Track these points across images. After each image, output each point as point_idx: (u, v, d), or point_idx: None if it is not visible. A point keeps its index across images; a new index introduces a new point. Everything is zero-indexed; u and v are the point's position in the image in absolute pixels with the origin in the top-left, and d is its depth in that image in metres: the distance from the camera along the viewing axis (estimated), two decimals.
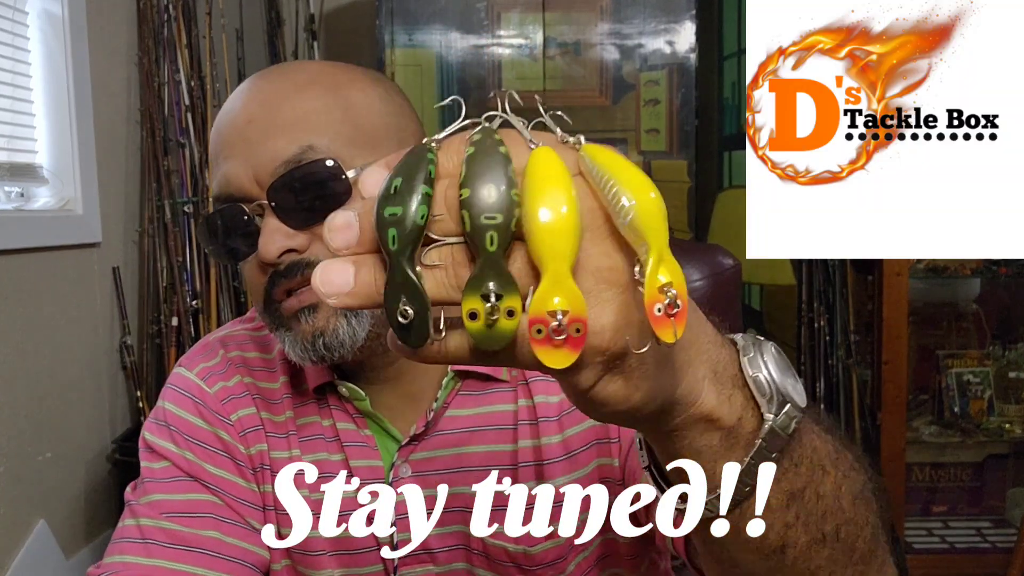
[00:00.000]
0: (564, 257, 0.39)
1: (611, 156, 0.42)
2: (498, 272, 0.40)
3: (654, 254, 0.39)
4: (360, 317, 0.84)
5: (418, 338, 0.41)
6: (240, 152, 0.84)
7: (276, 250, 0.83)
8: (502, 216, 0.39)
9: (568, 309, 0.39)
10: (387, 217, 0.40)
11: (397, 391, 0.92)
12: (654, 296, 0.39)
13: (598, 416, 0.47)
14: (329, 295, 0.41)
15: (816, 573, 0.56)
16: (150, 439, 0.93)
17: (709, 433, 0.50)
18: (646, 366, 0.44)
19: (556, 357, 0.40)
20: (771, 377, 0.52)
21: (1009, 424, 2.51)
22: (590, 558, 0.89)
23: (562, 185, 0.40)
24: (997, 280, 2.54)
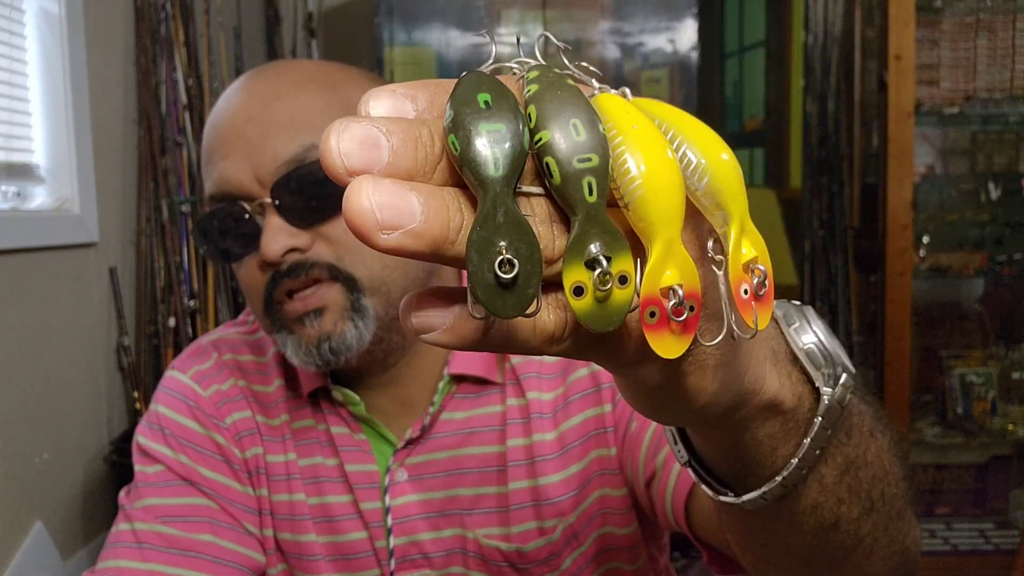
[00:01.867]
0: (675, 220, 0.31)
1: (670, 109, 0.35)
2: (603, 228, 0.31)
3: (735, 224, 0.33)
4: (367, 319, 0.83)
5: (519, 301, 0.30)
6: (239, 150, 0.83)
7: (279, 249, 0.82)
8: (599, 157, 0.31)
9: (683, 283, 0.32)
10: (486, 134, 0.30)
11: (392, 395, 0.92)
12: (739, 275, 0.33)
13: (664, 416, 0.42)
14: (386, 226, 0.29)
15: (862, 541, 0.53)
16: (144, 443, 0.92)
17: (771, 420, 0.45)
18: (721, 353, 0.38)
19: (670, 344, 0.32)
20: (823, 346, 0.46)
21: (1013, 425, 2.50)
22: (586, 553, 0.89)
23: (656, 132, 0.32)
24: (1000, 280, 2.53)
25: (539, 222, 0.32)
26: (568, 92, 0.32)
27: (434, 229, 0.30)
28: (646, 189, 0.31)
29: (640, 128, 0.32)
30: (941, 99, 2.44)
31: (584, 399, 0.87)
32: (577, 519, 0.88)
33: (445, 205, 0.30)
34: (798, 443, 0.46)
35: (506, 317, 0.30)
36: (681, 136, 0.33)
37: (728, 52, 3.89)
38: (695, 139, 0.33)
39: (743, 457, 0.46)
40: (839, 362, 0.46)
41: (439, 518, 0.89)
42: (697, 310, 0.32)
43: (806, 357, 0.46)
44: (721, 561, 0.75)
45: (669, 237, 0.31)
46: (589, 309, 0.31)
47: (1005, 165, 2.49)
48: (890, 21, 2.31)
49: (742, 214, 0.33)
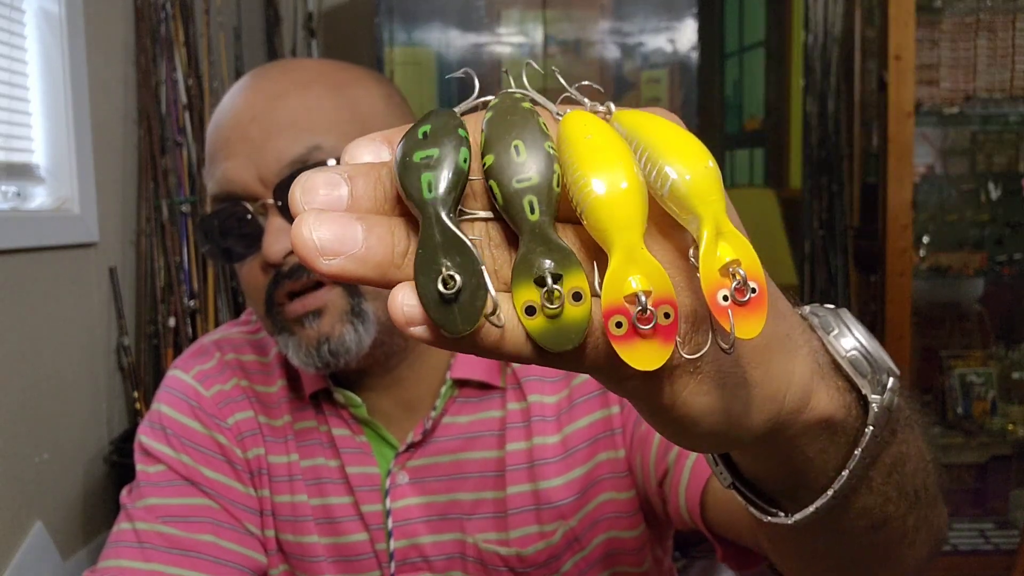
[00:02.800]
0: (632, 225, 0.31)
1: (645, 118, 0.34)
2: (549, 245, 0.31)
3: (706, 226, 0.31)
4: (367, 323, 0.83)
5: (467, 317, 0.30)
6: (243, 150, 0.83)
7: (282, 250, 0.82)
8: (538, 176, 0.31)
9: (652, 288, 0.31)
10: (418, 161, 0.31)
11: (394, 398, 0.91)
12: (715, 279, 0.31)
13: (689, 441, 0.38)
14: (326, 252, 0.31)
15: (907, 534, 0.52)
16: (146, 442, 0.92)
17: (822, 436, 0.42)
18: (740, 369, 0.36)
19: (645, 355, 0.31)
20: (867, 351, 0.44)
21: (1013, 425, 2.50)
22: (588, 557, 0.88)
23: (612, 139, 0.32)
24: (1000, 280, 2.53)
25: (493, 246, 0.32)
26: (518, 115, 0.33)
27: (377, 254, 0.31)
28: (595, 197, 0.31)
29: (593, 139, 0.32)
30: (941, 99, 2.44)
31: (590, 402, 0.87)
32: (579, 523, 0.87)
33: (389, 231, 0.32)
34: (848, 453, 0.44)
35: (457, 333, 0.31)
36: (646, 144, 0.33)
37: (728, 52, 3.89)
38: (662, 146, 0.33)
39: (793, 474, 0.44)
40: (884, 366, 0.44)
41: (439, 522, 0.89)
42: (674, 317, 0.31)
43: (851, 366, 0.43)
44: (737, 556, 0.75)
45: (628, 242, 0.31)
46: (543, 328, 0.31)
47: (1005, 165, 2.49)
48: (890, 21, 2.31)
49: (716, 216, 0.31)
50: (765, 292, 0.31)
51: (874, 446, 0.43)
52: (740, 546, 0.74)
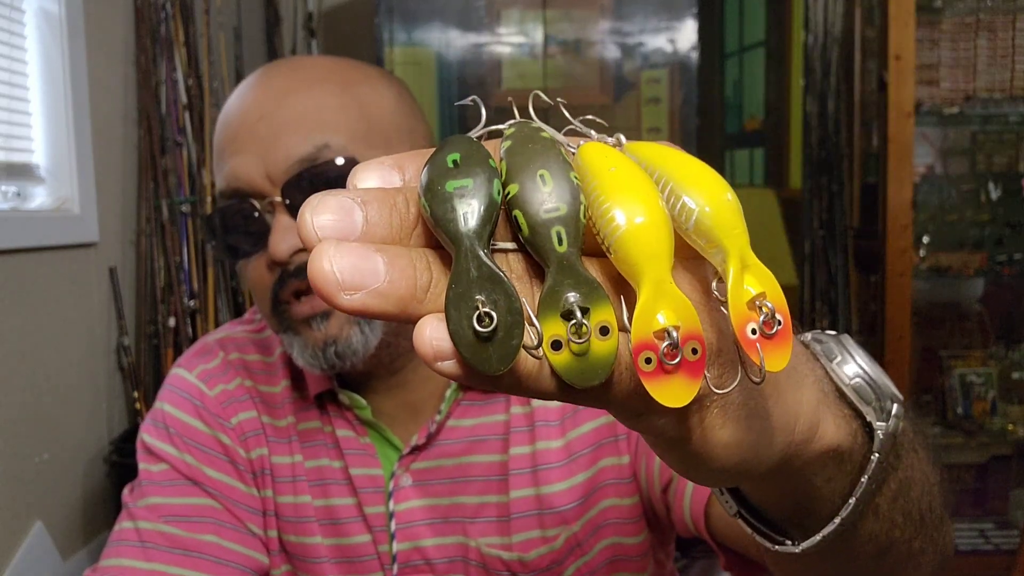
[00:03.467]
0: (661, 259, 0.30)
1: (659, 149, 0.34)
2: (577, 278, 0.30)
3: (733, 260, 0.31)
4: (373, 325, 0.82)
5: (502, 356, 0.29)
6: (251, 147, 0.82)
7: (288, 249, 0.81)
8: (566, 206, 0.30)
9: (680, 323, 0.30)
10: (452, 191, 0.30)
11: (398, 400, 0.91)
12: (743, 313, 0.31)
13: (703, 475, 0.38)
14: (347, 287, 0.29)
15: (913, 556, 0.51)
16: (149, 441, 0.92)
17: (829, 465, 0.42)
18: (755, 403, 0.35)
19: (674, 391, 0.30)
20: (870, 378, 0.43)
21: (1013, 425, 2.50)
22: (591, 563, 0.88)
23: (636, 172, 0.32)
24: (1000, 280, 2.53)
25: (516, 278, 0.32)
26: (539, 144, 0.32)
27: (399, 288, 0.30)
28: (624, 230, 0.30)
29: (618, 171, 0.31)
30: (941, 99, 2.44)
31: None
32: (582, 528, 0.87)
33: (411, 264, 0.30)
34: (855, 480, 0.43)
35: (492, 372, 0.30)
36: (667, 176, 0.32)
37: (728, 52, 3.89)
38: (684, 178, 0.32)
39: (800, 503, 0.44)
40: (888, 392, 0.44)
41: (443, 525, 0.89)
42: (702, 352, 0.30)
43: (855, 393, 0.43)
44: (740, 566, 0.74)
45: (657, 277, 0.30)
46: (568, 363, 0.30)
47: (1005, 165, 2.49)
48: (890, 21, 2.31)
49: (741, 249, 0.31)
50: (790, 324, 0.31)
51: (880, 472, 0.43)
52: (744, 556, 0.73)
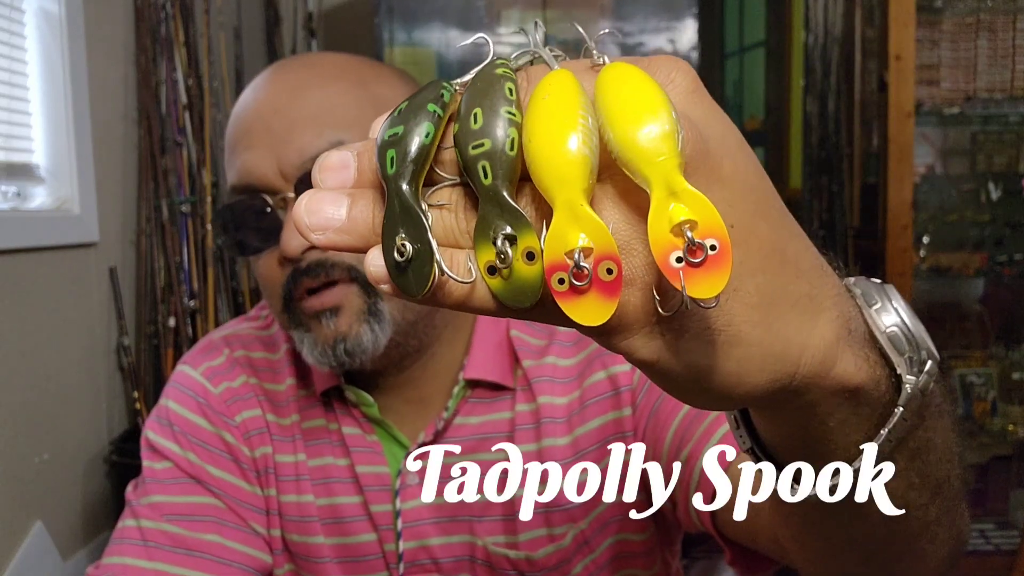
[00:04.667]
0: (575, 180, 0.31)
1: (615, 76, 0.34)
2: (501, 208, 0.32)
3: (655, 188, 0.31)
4: (383, 323, 0.82)
5: (418, 281, 0.33)
6: (265, 143, 0.82)
7: (300, 245, 0.81)
8: (491, 141, 0.33)
9: (590, 245, 0.31)
10: (387, 139, 0.34)
11: (405, 397, 0.91)
12: (665, 240, 0.31)
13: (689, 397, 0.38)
14: (314, 228, 0.35)
15: (928, 527, 0.50)
16: (153, 438, 0.92)
17: (844, 406, 0.41)
18: (735, 328, 0.35)
19: (589, 310, 0.32)
20: (907, 329, 0.42)
21: (1013, 425, 2.50)
22: (599, 560, 0.88)
23: (566, 99, 0.33)
24: (1001, 280, 2.53)
25: (464, 209, 0.35)
26: (484, 82, 0.35)
27: (358, 226, 0.35)
28: (535, 153, 0.32)
29: (549, 99, 0.33)
30: (941, 99, 2.44)
31: (601, 403, 0.86)
32: (589, 526, 0.87)
33: (371, 205, 0.35)
34: (873, 431, 0.42)
35: (411, 295, 0.34)
36: (602, 105, 0.33)
37: (728, 52, 3.89)
38: (613, 108, 0.32)
39: (812, 444, 0.43)
40: (924, 346, 0.42)
41: (449, 523, 0.89)
42: (617, 273, 0.31)
43: (888, 341, 0.42)
44: (746, 561, 0.74)
45: (567, 199, 0.31)
46: (502, 286, 0.33)
47: (1005, 165, 2.49)
48: (890, 21, 2.31)
49: (665, 175, 0.31)
50: (728, 249, 0.31)
51: (901, 428, 0.42)
52: (749, 550, 0.73)
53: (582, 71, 0.36)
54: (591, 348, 0.87)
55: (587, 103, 0.33)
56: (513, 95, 0.34)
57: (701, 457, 0.76)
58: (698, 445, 0.76)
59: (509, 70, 0.35)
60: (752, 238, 0.35)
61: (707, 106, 0.36)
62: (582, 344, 0.88)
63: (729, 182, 0.34)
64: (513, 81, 0.35)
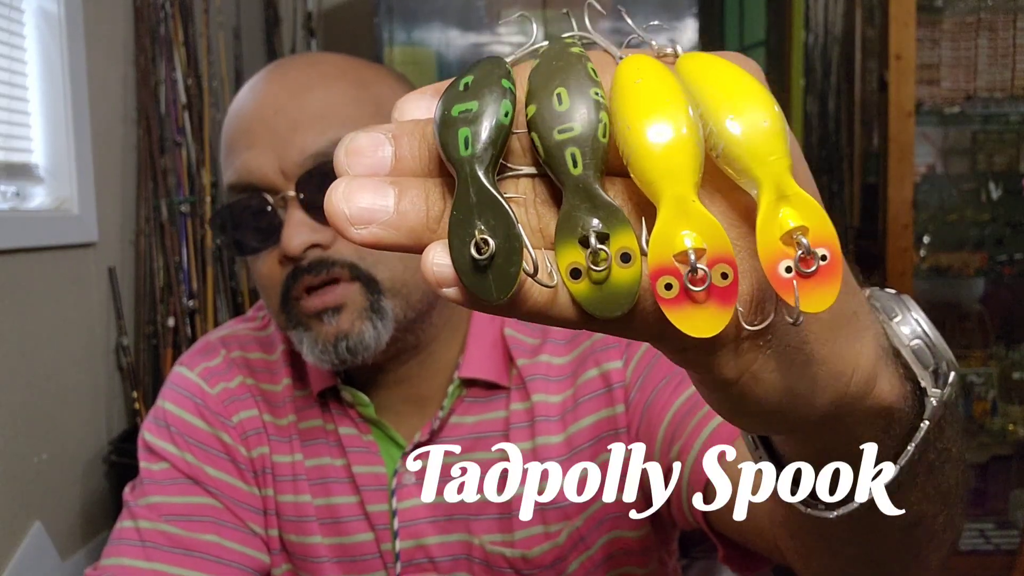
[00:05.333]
0: (685, 173, 0.28)
1: (708, 64, 0.31)
2: (594, 201, 0.28)
3: (765, 191, 0.28)
4: (385, 320, 0.82)
5: (501, 283, 0.28)
6: (266, 141, 0.82)
7: (301, 244, 0.81)
8: (581, 125, 0.29)
9: (703, 246, 0.28)
10: (457, 116, 0.29)
11: (401, 396, 0.91)
12: (775, 248, 0.28)
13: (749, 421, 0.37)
14: (355, 221, 0.30)
15: (936, 535, 0.49)
16: (150, 439, 0.92)
17: (876, 425, 0.39)
18: (811, 346, 0.33)
19: (700, 320, 0.28)
20: (930, 342, 0.41)
21: (1013, 425, 2.50)
22: (594, 558, 0.88)
23: (666, 83, 0.29)
24: (1001, 280, 2.53)
25: (540, 203, 0.30)
26: (563, 61, 0.31)
27: (410, 219, 0.30)
28: (639, 145, 0.28)
29: (644, 83, 0.29)
30: (941, 99, 2.44)
31: (594, 400, 0.86)
32: (584, 523, 0.87)
33: (423, 194, 0.30)
34: (899, 447, 0.41)
35: (491, 300, 0.29)
36: (701, 96, 0.30)
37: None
38: (716, 99, 0.29)
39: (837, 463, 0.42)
40: (946, 357, 0.41)
41: (446, 522, 0.89)
42: (733, 278, 0.28)
43: (913, 355, 0.40)
44: (739, 558, 0.74)
45: (678, 194, 0.28)
46: (588, 292, 0.29)
47: (1006, 165, 2.49)
48: (890, 21, 2.31)
49: (776, 178, 0.28)
50: (839, 261, 0.28)
51: (924, 442, 0.41)
52: (742, 548, 0.73)
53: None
54: (584, 346, 0.87)
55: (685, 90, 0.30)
56: (597, 76, 0.30)
57: (692, 451, 0.76)
58: (689, 439, 0.76)
59: (581, 48, 0.32)
60: None
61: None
62: (575, 342, 0.88)
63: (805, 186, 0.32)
64: (590, 61, 0.31)
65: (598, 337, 0.87)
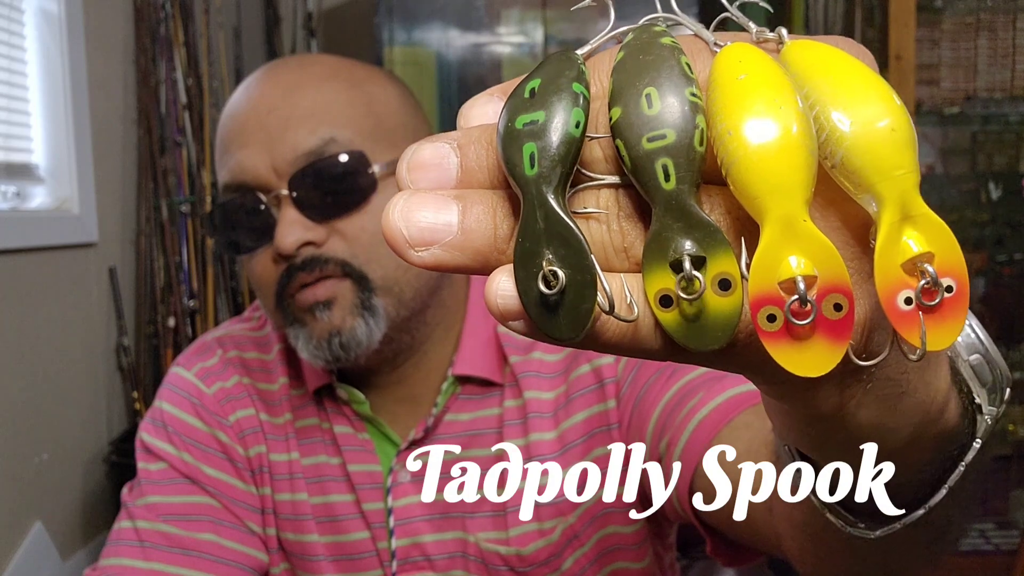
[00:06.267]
0: (796, 187, 0.24)
1: (822, 54, 0.26)
2: (687, 220, 0.25)
3: (888, 209, 0.24)
4: (377, 318, 0.83)
5: (573, 320, 0.25)
6: (259, 140, 0.83)
7: (295, 242, 0.81)
8: (676, 132, 0.25)
9: (814, 273, 0.24)
10: (522, 128, 0.26)
11: (397, 394, 0.91)
12: (895, 276, 0.25)
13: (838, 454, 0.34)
14: (415, 243, 0.27)
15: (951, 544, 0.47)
16: (147, 440, 0.92)
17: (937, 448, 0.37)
18: (907, 378, 0.30)
19: (807, 357, 0.25)
20: (990, 358, 0.37)
21: (1013, 425, 2.50)
22: (588, 554, 0.88)
23: (774, 80, 0.25)
24: (1001, 280, 2.52)
25: (624, 217, 0.27)
26: (653, 54, 0.27)
27: (475, 240, 0.27)
28: (742, 150, 0.24)
29: (749, 79, 0.25)
30: (941, 99, 2.44)
31: (586, 396, 0.87)
32: (578, 520, 0.87)
33: (490, 211, 0.27)
34: (948, 465, 0.38)
35: (563, 338, 0.26)
36: (817, 94, 0.26)
37: None
38: (835, 97, 0.25)
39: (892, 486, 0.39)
40: (1004, 372, 0.37)
41: (441, 520, 0.89)
42: (848, 310, 0.25)
43: (972, 372, 0.37)
44: (727, 551, 0.74)
45: (785, 212, 0.24)
46: (679, 323, 0.26)
47: (1005, 165, 2.49)
48: (890, 21, 2.31)
49: (902, 195, 0.24)
50: (966, 294, 0.25)
51: (977, 461, 0.38)
52: (730, 539, 0.73)
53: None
54: None
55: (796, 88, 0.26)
56: (693, 73, 0.26)
57: (679, 443, 0.75)
58: (677, 432, 0.76)
59: (672, 38, 0.28)
60: None
61: None
62: None
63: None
64: (684, 54, 0.27)
65: None
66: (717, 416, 0.73)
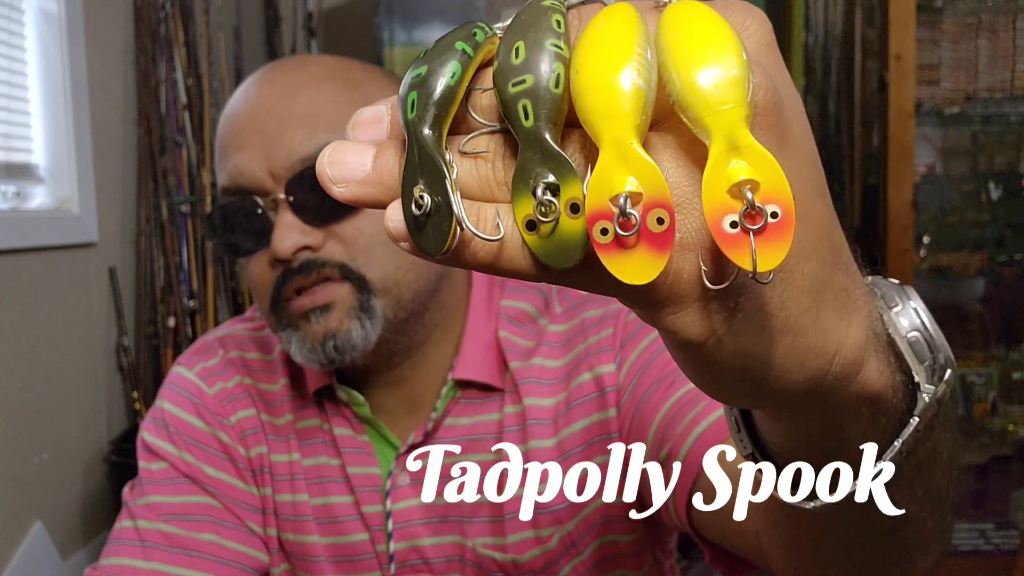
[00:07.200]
0: (625, 116, 0.27)
1: (683, 13, 0.30)
2: (543, 153, 0.29)
3: (715, 141, 0.27)
4: (374, 320, 0.82)
5: (437, 238, 0.30)
6: (256, 143, 0.83)
7: (291, 246, 0.81)
8: (532, 77, 0.29)
9: (640, 189, 0.27)
10: (410, 80, 0.30)
11: (397, 396, 0.91)
12: (720, 201, 0.27)
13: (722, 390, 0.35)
14: (337, 180, 0.32)
15: (923, 539, 0.48)
16: (148, 439, 0.92)
17: (862, 414, 0.38)
18: (787, 313, 0.31)
19: (634, 267, 0.27)
20: (929, 335, 0.39)
21: (1013, 425, 2.50)
22: (586, 562, 0.87)
23: (622, 27, 0.29)
24: (1001, 281, 2.52)
25: (506, 157, 0.31)
26: (529, 15, 0.31)
27: (384, 176, 0.32)
28: (580, 85, 0.28)
29: (604, 27, 0.29)
30: (942, 99, 2.44)
31: (586, 404, 0.86)
32: (576, 527, 0.86)
33: (398, 154, 0.32)
34: (887, 441, 0.39)
35: (429, 254, 0.30)
36: (664, 43, 0.29)
37: None
38: (677, 46, 0.28)
39: (822, 454, 0.40)
40: (944, 353, 0.39)
41: (440, 524, 0.89)
42: (669, 223, 0.27)
43: (908, 347, 0.39)
44: (726, 561, 0.74)
45: (616, 136, 0.27)
46: (542, 244, 0.29)
47: (1006, 165, 2.49)
48: (890, 21, 2.31)
49: (728, 127, 0.27)
50: (791, 220, 0.27)
51: (913, 439, 0.39)
52: (727, 551, 0.72)
53: (646, 10, 0.31)
54: (579, 349, 0.87)
55: (647, 35, 0.29)
56: (561, 27, 0.30)
57: (680, 452, 0.75)
58: (678, 441, 0.76)
59: (559, 2, 0.32)
60: (811, 215, 0.32)
61: (780, 63, 0.33)
62: (570, 345, 0.88)
63: (796, 148, 0.31)
64: (562, 13, 0.31)
65: (592, 340, 0.87)
66: (717, 429, 0.73)
